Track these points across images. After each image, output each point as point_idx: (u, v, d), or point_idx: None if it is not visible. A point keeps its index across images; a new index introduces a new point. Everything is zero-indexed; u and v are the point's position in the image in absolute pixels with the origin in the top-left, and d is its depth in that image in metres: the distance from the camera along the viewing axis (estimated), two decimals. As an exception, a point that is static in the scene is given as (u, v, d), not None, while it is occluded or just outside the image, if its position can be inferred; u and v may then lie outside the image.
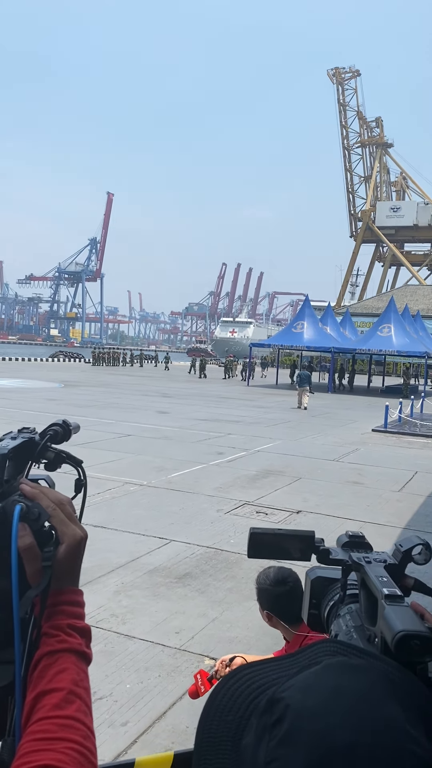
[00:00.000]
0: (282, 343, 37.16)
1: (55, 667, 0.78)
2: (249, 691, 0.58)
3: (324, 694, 0.51)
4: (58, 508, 0.88)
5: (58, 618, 0.84)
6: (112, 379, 34.24)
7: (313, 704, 0.50)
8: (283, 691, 0.53)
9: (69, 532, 0.87)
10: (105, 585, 5.35)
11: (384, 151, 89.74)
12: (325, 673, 0.54)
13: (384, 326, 33.65)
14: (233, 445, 13.19)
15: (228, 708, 0.57)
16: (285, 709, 0.51)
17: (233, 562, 6.02)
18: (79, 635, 0.84)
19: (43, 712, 0.74)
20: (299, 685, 0.53)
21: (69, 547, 0.87)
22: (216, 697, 0.58)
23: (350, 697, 0.51)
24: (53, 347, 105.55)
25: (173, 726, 3.45)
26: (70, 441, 1.03)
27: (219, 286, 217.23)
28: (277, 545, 0.91)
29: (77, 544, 0.88)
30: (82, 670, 0.80)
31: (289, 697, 0.52)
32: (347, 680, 0.53)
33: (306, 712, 0.50)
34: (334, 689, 0.51)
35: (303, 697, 0.51)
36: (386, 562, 0.80)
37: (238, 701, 0.57)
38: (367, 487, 9.79)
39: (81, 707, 0.76)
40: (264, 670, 0.60)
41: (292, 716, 0.50)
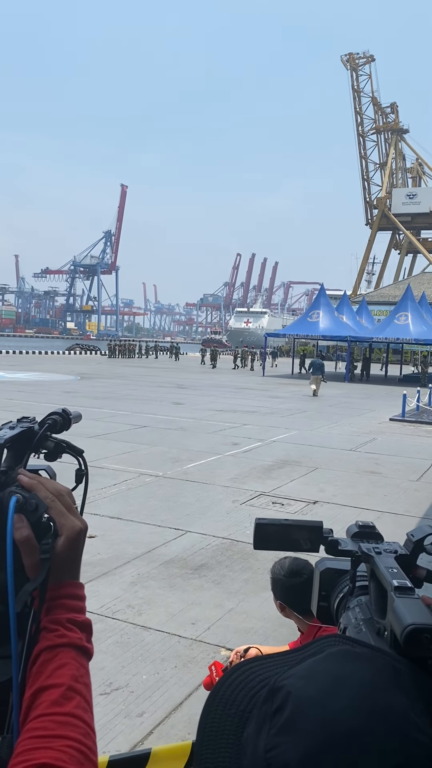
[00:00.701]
0: (297, 333, 37.02)
1: (55, 662, 0.77)
2: (251, 684, 0.56)
3: (326, 681, 0.50)
4: (56, 499, 0.86)
5: (57, 612, 0.82)
6: (127, 371, 34.35)
7: (314, 691, 0.49)
8: (284, 679, 0.52)
9: (68, 524, 0.85)
10: (121, 576, 5.36)
11: (399, 137, 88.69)
12: (327, 661, 0.53)
13: (401, 314, 33.39)
14: (249, 435, 13.17)
15: (230, 702, 0.56)
16: (286, 696, 0.50)
17: (249, 553, 6.01)
18: (80, 630, 0.82)
19: (41, 708, 0.72)
20: (300, 674, 0.52)
21: (68, 540, 0.84)
22: (218, 691, 0.57)
23: (353, 684, 0.49)
24: (70, 340, 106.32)
25: (189, 717, 3.45)
26: (86, 432, 1.00)
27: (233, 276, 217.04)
28: (284, 536, 0.88)
29: (76, 536, 0.85)
30: (83, 666, 0.78)
31: (290, 685, 0.51)
32: (350, 668, 0.51)
33: (307, 699, 0.49)
34: (337, 677, 0.50)
35: (304, 685, 0.50)
36: (397, 552, 0.77)
37: (240, 695, 0.56)
38: (385, 477, 9.73)
39: (81, 704, 0.74)
40: (267, 664, 0.59)
41: (293, 704, 0.49)
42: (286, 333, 39.68)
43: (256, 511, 7.41)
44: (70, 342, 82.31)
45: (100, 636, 4.29)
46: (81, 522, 0.87)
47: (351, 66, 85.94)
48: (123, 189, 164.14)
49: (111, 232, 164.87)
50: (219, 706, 0.56)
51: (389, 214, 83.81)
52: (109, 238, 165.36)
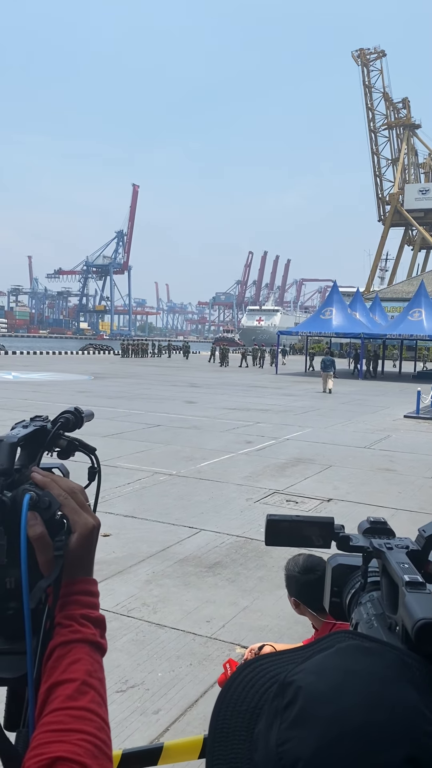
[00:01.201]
0: (310, 330, 36.92)
1: (69, 657, 0.77)
2: (263, 681, 0.57)
3: (336, 675, 0.50)
4: (69, 496, 0.87)
5: (71, 608, 0.82)
6: (140, 370, 34.44)
7: (325, 686, 0.50)
8: (295, 674, 0.52)
9: (81, 521, 0.86)
10: (136, 575, 5.38)
11: (411, 132, 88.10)
12: (338, 656, 0.53)
13: (415, 311, 33.18)
14: (262, 433, 13.16)
15: (241, 699, 0.56)
16: (296, 691, 0.50)
17: (263, 551, 6.01)
18: (93, 625, 0.83)
19: (56, 703, 0.73)
20: (311, 669, 0.52)
21: (81, 537, 0.85)
22: (229, 688, 0.58)
23: (363, 678, 0.50)
24: (83, 340, 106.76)
25: (205, 714, 3.46)
26: (101, 431, 1.01)
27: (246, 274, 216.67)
28: (295, 532, 0.88)
29: (89, 533, 0.86)
30: (96, 661, 0.79)
31: (301, 680, 0.51)
32: (360, 663, 0.52)
33: (318, 693, 0.49)
34: (347, 671, 0.51)
35: (315, 679, 0.50)
36: (408, 548, 0.77)
37: (251, 692, 0.56)
38: (399, 474, 9.68)
39: (95, 698, 0.74)
40: (277, 660, 0.59)
41: (304, 698, 0.49)
42: (299, 331, 39.63)
43: (269, 510, 7.41)
44: (84, 342, 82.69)
45: (116, 634, 4.31)
46: (94, 519, 0.88)
47: (362, 61, 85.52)
48: (134, 189, 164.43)
49: (123, 231, 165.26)
50: (230, 703, 0.56)
51: (402, 210, 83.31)
52: (121, 238, 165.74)
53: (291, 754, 0.47)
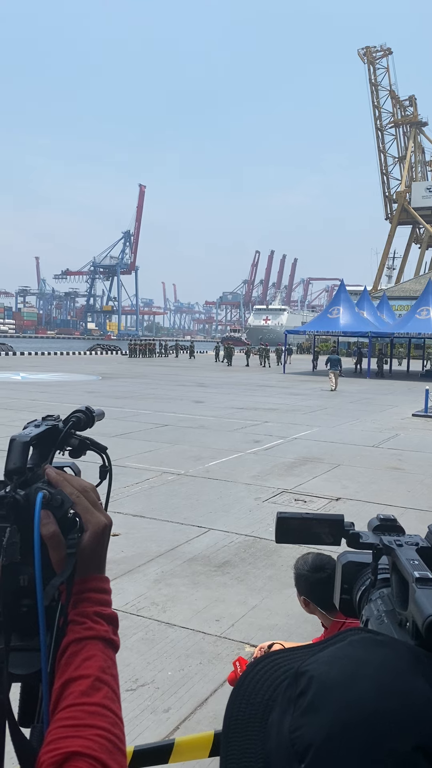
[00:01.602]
0: (318, 329, 36.86)
1: (82, 654, 0.78)
2: (276, 675, 0.58)
3: (348, 665, 0.52)
4: (81, 495, 0.88)
5: (84, 605, 0.83)
6: (148, 370, 34.49)
7: (337, 675, 0.51)
8: (308, 665, 0.53)
9: (93, 520, 0.87)
10: (145, 574, 5.40)
11: (418, 130, 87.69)
12: (350, 647, 0.54)
13: (422, 309, 33.09)
14: (270, 432, 13.15)
15: (255, 691, 0.57)
16: (309, 680, 0.51)
17: (272, 550, 6.01)
18: (106, 622, 0.83)
19: (70, 699, 0.74)
20: (323, 659, 0.53)
21: (93, 535, 0.86)
22: (243, 682, 0.59)
23: (375, 668, 0.51)
24: (91, 341, 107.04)
25: (215, 712, 3.47)
26: (109, 431, 1.02)
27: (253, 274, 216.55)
28: (305, 530, 0.89)
29: (101, 531, 0.87)
30: (110, 657, 0.80)
31: (314, 670, 0.52)
32: (372, 653, 0.53)
33: (330, 682, 0.50)
34: (359, 661, 0.52)
35: (327, 669, 0.52)
36: (418, 545, 0.78)
37: (264, 685, 0.57)
38: (408, 473, 9.65)
39: (108, 694, 0.75)
40: (290, 656, 0.60)
41: (317, 686, 0.50)
42: (306, 330, 39.58)
43: (278, 509, 7.39)
44: (91, 342, 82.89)
45: (126, 633, 4.33)
46: (106, 517, 0.89)
47: (368, 59, 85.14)
48: (141, 189, 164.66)
49: (130, 232, 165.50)
50: (244, 696, 0.57)
51: (409, 208, 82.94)
52: (128, 239, 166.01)
53: (303, 740, 0.48)
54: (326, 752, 0.47)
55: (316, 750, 0.47)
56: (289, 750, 0.49)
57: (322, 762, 0.47)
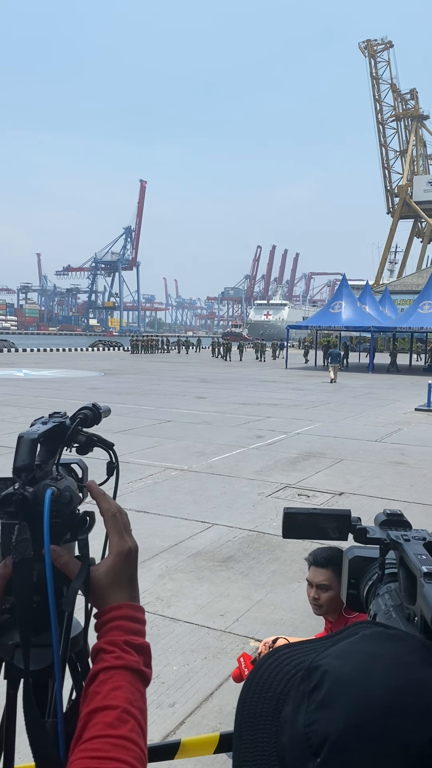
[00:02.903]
0: (320, 324, 36.79)
1: (110, 683, 0.75)
2: (287, 668, 0.58)
3: (361, 660, 0.52)
4: (117, 514, 0.87)
5: (114, 633, 0.80)
6: (150, 366, 34.49)
7: (350, 669, 0.51)
8: (321, 659, 0.54)
9: (118, 543, 0.85)
10: (149, 569, 5.41)
11: (420, 123, 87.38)
12: (362, 641, 0.55)
13: (425, 303, 32.97)
14: (273, 428, 13.16)
15: (267, 685, 0.57)
16: (323, 675, 0.52)
17: (276, 545, 6.02)
18: (137, 653, 0.80)
19: (96, 729, 0.71)
20: (336, 654, 0.54)
21: (116, 558, 0.84)
22: (255, 676, 0.59)
23: (387, 662, 0.51)
24: (93, 337, 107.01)
25: (220, 707, 3.48)
26: (112, 427, 1.02)
27: (254, 269, 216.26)
28: (312, 525, 0.89)
29: (125, 556, 0.85)
30: (138, 690, 0.77)
31: (327, 664, 0.53)
32: (384, 647, 0.53)
33: (344, 676, 0.51)
34: (371, 655, 0.52)
35: (341, 664, 0.52)
36: (425, 539, 0.78)
37: (276, 678, 0.58)
38: (411, 467, 9.65)
39: (135, 728, 0.73)
40: (301, 649, 0.60)
41: (330, 681, 0.51)
42: (308, 325, 39.47)
43: (281, 504, 7.41)
44: (93, 339, 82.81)
45: (130, 628, 4.34)
46: (132, 542, 0.87)
47: (369, 53, 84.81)
48: (142, 185, 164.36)
49: (131, 228, 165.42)
50: (256, 690, 0.57)
51: (411, 202, 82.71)
52: (129, 234, 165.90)
53: (318, 734, 0.49)
54: (342, 746, 0.47)
55: (331, 744, 0.48)
56: (303, 744, 0.49)
57: (337, 756, 0.47)
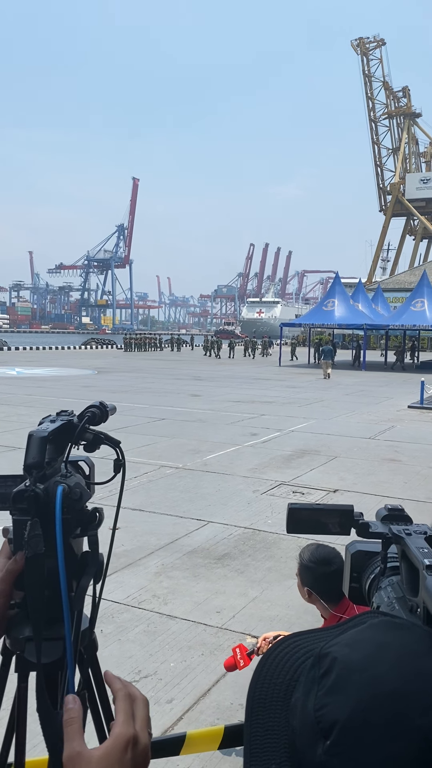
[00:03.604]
0: (313, 322, 36.84)
1: None
2: (297, 656, 0.60)
3: (369, 647, 0.54)
4: (128, 698, 0.76)
5: None
6: (143, 364, 34.46)
7: (359, 657, 0.53)
8: (330, 647, 0.56)
9: (118, 727, 0.73)
10: (146, 567, 5.43)
11: (412, 121, 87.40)
12: (370, 630, 0.57)
13: (417, 301, 33.10)
14: (267, 425, 13.19)
15: (277, 672, 0.59)
16: (332, 662, 0.54)
17: (271, 542, 6.05)
18: None
19: None
20: (345, 641, 0.56)
21: (112, 743, 0.71)
22: (265, 663, 0.61)
23: (395, 650, 0.54)
24: (85, 335, 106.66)
25: (218, 702, 3.51)
26: (107, 426, 1.03)
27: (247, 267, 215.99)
28: (316, 520, 0.91)
29: (122, 744, 0.71)
30: None
31: (336, 652, 0.55)
32: (391, 636, 0.55)
33: (353, 663, 0.53)
34: (379, 643, 0.54)
35: (349, 651, 0.54)
36: (427, 533, 0.80)
37: (287, 665, 0.60)
38: (405, 464, 9.71)
39: None
40: (310, 637, 0.62)
41: (340, 667, 0.53)
42: (301, 322, 39.52)
43: (276, 501, 7.45)
44: (86, 337, 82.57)
45: (128, 625, 4.36)
46: (141, 732, 0.74)
47: (361, 50, 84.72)
48: (135, 182, 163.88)
49: (124, 225, 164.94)
50: (267, 676, 0.59)
51: (403, 200, 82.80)
52: (122, 232, 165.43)
53: (328, 718, 0.51)
54: (351, 729, 0.49)
55: (341, 727, 0.50)
56: (314, 727, 0.51)
57: (347, 738, 0.49)
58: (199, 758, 3.04)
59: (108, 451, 1.06)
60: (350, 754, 0.49)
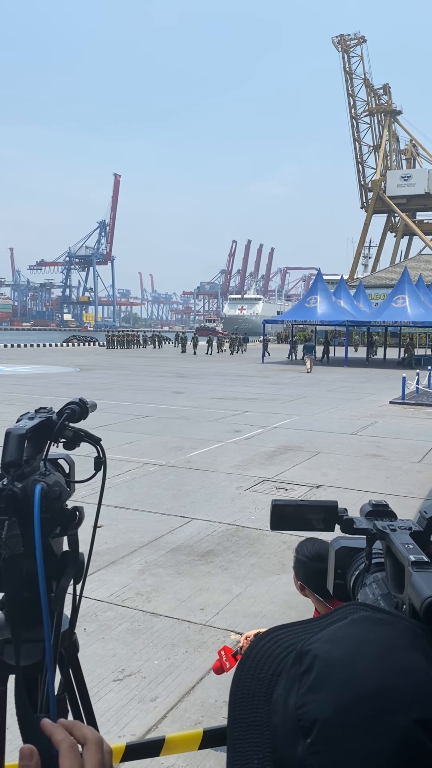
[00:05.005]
0: (295, 319, 36.97)
1: None
2: (279, 650, 0.60)
3: (350, 644, 0.53)
4: (72, 751, 0.69)
5: None
6: (126, 361, 34.33)
7: (340, 653, 0.53)
8: (311, 643, 0.55)
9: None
10: (129, 565, 5.41)
11: (393, 118, 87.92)
12: (351, 626, 0.56)
13: (398, 297, 33.33)
14: (250, 422, 13.20)
15: (260, 666, 0.59)
16: (313, 659, 0.53)
17: (255, 538, 6.05)
18: None
19: None
20: (326, 638, 0.55)
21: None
22: (248, 657, 0.60)
23: (375, 646, 0.53)
24: (67, 332, 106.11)
25: (202, 700, 3.50)
26: (89, 423, 1.01)
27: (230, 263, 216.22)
28: (299, 516, 0.90)
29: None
30: None
31: (317, 648, 0.54)
32: (372, 632, 0.55)
33: (333, 660, 0.52)
34: (360, 640, 0.54)
35: (330, 648, 0.54)
36: (411, 529, 0.79)
37: (269, 660, 0.59)
38: (387, 460, 9.77)
39: None
40: (293, 631, 0.62)
41: (320, 665, 0.52)
42: (284, 319, 39.64)
43: (260, 497, 7.45)
44: (68, 334, 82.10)
45: (111, 624, 4.34)
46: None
47: (342, 48, 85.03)
48: (116, 178, 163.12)
49: (105, 222, 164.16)
50: (249, 671, 0.59)
51: (384, 197, 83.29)
52: (103, 229, 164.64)
53: (309, 716, 0.50)
54: (331, 727, 0.49)
55: (321, 726, 0.49)
56: (295, 725, 0.51)
57: (327, 736, 0.49)
58: (183, 755, 3.03)
59: (90, 449, 1.04)
60: (330, 752, 0.48)
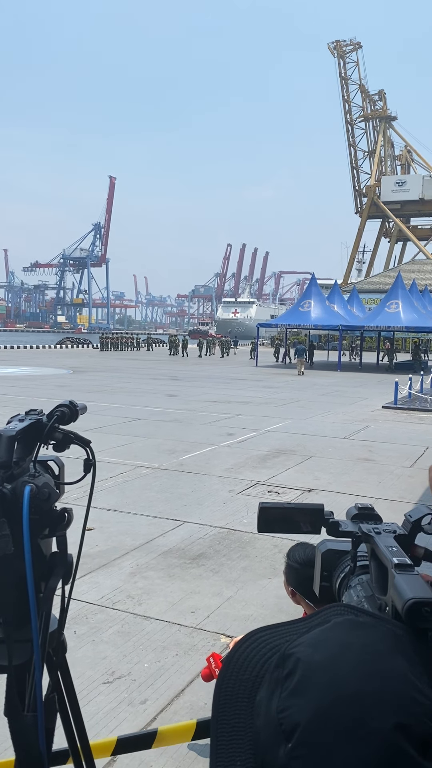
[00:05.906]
0: (289, 323, 37.04)
1: None
2: (263, 652, 0.60)
3: (332, 648, 0.54)
4: None
5: None
6: (120, 363, 34.28)
7: (322, 657, 0.53)
8: (294, 647, 0.56)
9: None
10: (120, 567, 5.40)
11: (388, 124, 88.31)
12: (334, 630, 0.57)
13: (392, 302, 33.43)
14: (243, 425, 13.21)
15: (243, 668, 0.60)
16: (296, 663, 0.54)
17: (246, 541, 6.06)
18: None
19: None
20: (309, 642, 0.56)
21: None
22: (232, 659, 0.61)
23: (357, 650, 0.54)
24: (61, 334, 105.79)
25: (191, 703, 3.50)
26: (82, 426, 1.02)
27: (225, 267, 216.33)
28: (286, 519, 0.91)
29: None
30: None
31: (299, 652, 0.55)
32: (355, 636, 0.55)
33: (315, 664, 0.53)
34: (342, 644, 0.54)
35: (312, 652, 0.54)
36: (396, 532, 0.80)
37: (252, 661, 0.60)
38: (379, 464, 9.79)
39: None
40: (277, 632, 0.63)
41: (303, 669, 0.53)
42: (278, 323, 39.70)
43: (252, 501, 7.46)
44: (62, 336, 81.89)
45: (101, 626, 4.33)
46: None
47: (338, 53, 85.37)
48: (111, 181, 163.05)
49: (100, 224, 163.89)
50: (233, 672, 0.59)
51: (379, 202, 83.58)
52: (98, 231, 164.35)
53: (290, 720, 0.51)
54: (311, 732, 0.50)
55: (302, 730, 0.50)
56: (277, 729, 0.52)
57: (307, 742, 0.49)
58: (172, 759, 3.03)
59: (80, 451, 1.05)
60: (311, 757, 0.49)
